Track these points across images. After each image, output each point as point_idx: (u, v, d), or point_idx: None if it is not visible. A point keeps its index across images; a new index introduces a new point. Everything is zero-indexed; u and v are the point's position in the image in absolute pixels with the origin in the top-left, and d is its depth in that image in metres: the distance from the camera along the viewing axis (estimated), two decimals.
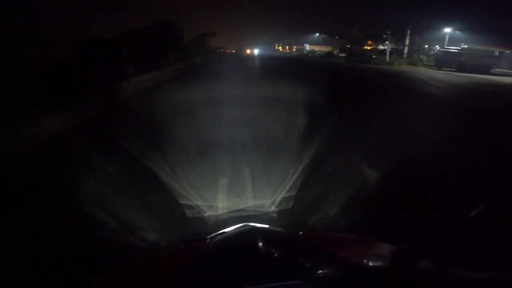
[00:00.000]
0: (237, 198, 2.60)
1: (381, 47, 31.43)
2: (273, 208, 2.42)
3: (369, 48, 35.03)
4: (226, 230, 1.01)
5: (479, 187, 2.76)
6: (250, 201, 2.54)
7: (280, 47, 79.67)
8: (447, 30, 26.19)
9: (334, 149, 3.69)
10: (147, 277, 0.82)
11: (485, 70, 16.75)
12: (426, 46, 29.88)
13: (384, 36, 29.44)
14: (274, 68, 20.25)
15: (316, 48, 54.14)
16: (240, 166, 3.24)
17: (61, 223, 2.16)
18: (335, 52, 42.77)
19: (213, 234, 1.01)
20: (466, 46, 22.71)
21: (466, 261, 0.63)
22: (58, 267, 1.68)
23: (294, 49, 66.35)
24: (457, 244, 0.67)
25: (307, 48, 55.67)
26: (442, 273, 0.66)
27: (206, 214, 2.35)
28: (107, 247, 1.85)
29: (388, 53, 25.68)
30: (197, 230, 2.16)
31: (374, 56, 27.02)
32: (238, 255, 0.71)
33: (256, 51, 62.85)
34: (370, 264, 0.79)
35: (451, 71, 17.41)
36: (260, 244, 0.73)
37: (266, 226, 1.05)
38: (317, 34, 56.04)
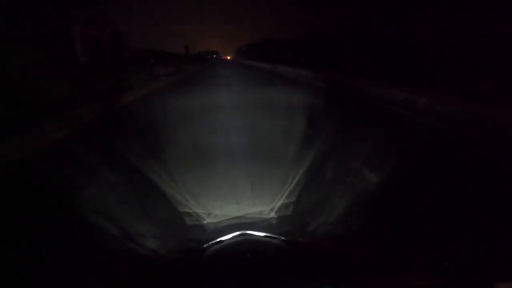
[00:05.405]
0: None
1: None
2: None
3: None
4: (223, 238, 1.00)
5: None
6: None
7: None
8: None
9: None
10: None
11: None
12: None
13: None
14: None
15: None
16: None
17: (62, 228, 2.21)
18: None
19: (210, 243, 1.00)
20: None
21: (459, 267, 0.63)
22: (55, 275, 1.66)
23: None
24: (450, 251, 0.67)
25: None
26: (436, 280, 0.66)
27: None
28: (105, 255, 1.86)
29: None
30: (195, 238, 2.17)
31: None
32: (232, 267, 0.71)
33: None
34: (367, 273, 0.79)
35: None
36: (255, 255, 0.72)
37: (262, 234, 1.04)
38: None
